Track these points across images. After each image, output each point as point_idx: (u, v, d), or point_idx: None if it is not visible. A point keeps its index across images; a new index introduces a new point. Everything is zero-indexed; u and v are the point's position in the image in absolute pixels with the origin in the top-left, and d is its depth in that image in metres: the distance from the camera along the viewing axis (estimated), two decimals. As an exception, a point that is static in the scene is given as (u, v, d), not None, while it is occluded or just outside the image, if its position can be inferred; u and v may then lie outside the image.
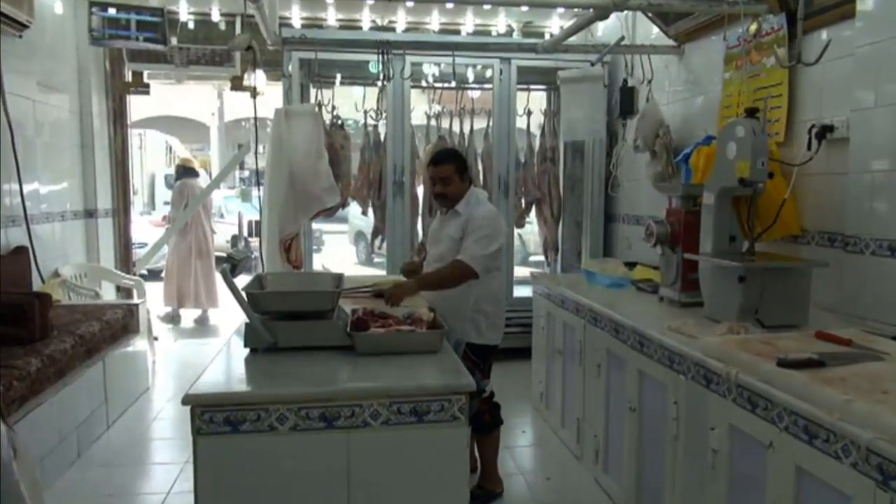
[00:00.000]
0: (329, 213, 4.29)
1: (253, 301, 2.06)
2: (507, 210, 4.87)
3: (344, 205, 4.81)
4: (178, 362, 5.24)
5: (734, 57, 3.44)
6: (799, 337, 2.14)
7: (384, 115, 4.71)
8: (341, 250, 12.88)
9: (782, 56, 2.90)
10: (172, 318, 6.75)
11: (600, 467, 3.00)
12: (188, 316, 6.81)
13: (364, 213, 5.18)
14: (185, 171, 6.83)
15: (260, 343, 2.04)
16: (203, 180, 7.13)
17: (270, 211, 3.59)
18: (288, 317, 2.10)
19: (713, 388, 2.04)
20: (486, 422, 2.78)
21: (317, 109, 3.85)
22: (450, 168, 2.77)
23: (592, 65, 3.68)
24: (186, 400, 1.65)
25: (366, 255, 12.81)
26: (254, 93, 4.45)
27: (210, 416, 1.66)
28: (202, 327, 6.67)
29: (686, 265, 2.86)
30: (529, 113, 5.22)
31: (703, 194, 2.77)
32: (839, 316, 2.59)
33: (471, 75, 5.47)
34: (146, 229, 8.20)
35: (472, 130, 5.18)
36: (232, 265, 2.07)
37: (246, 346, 2.05)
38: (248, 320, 2.03)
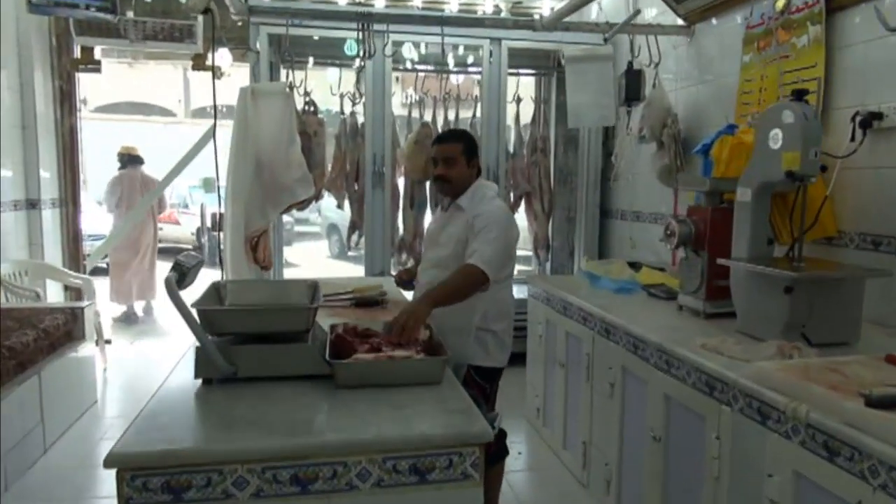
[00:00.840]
0: (301, 207, 3.86)
1: (207, 320, 1.64)
2: (495, 204, 4.49)
3: (317, 197, 4.38)
4: (132, 369, 4.75)
5: (755, 37, 3.09)
6: (866, 361, 1.80)
7: (363, 98, 4.27)
8: (312, 244, 12.35)
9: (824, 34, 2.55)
10: (128, 318, 6.26)
11: (612, 499, 2.64)
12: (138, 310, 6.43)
13: (340, 206, 4.75)
14: (130, 159, 6.36)
15: (214, 373, 1.62)
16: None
17: (234, 204, 3.14)
18: (251, 339, 1.68)
19: (771, 425, 1.69)
20: (490, 453, 2.39)
21: (288, 89, 3.40)
22: (457, 148, 2.38)
23: (606, 41, 3.30)
24: (110, 461, 1.24)
25: (339, 248, 12.34)
26: (214, 70, 4.00)
27: (143, 481, 1.25)
28: (157, 324, 6.21)
29: (712, 271, 2.51)
30: (519, 100, 4.84)
31: (735, 190, 2.43)
32: (890, 331, 2.27)
33: (454, 59, 5.08)
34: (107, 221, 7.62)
35: (457, 119, 4.78)
36: (180, 274, 1.64)
37: (197, 376, 1.63)
38: (199, 344, 1.61)
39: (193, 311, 1.60)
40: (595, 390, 2.79)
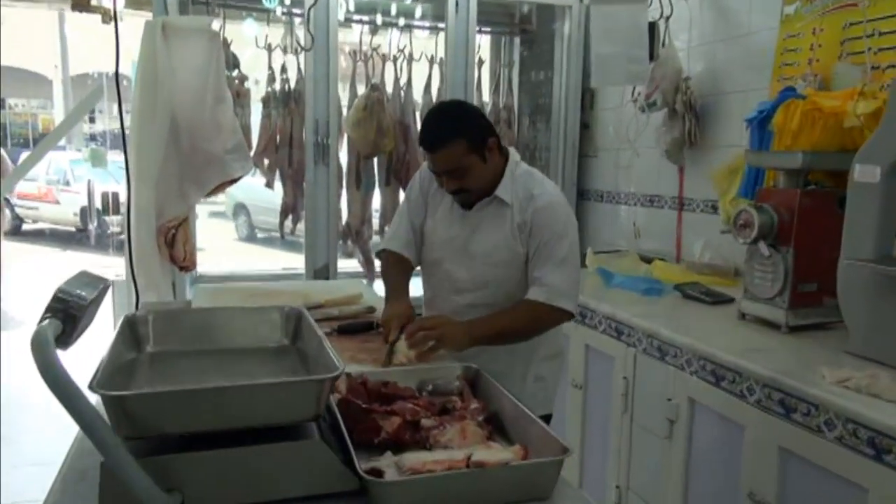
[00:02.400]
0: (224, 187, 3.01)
1: (125, 414, 0.85)
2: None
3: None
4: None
5: (804, -17, 2.55)
6: None
7: (312, 46, 3.42)
8: (216, 225, 11.09)
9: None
10: None
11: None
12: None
13: (269, 185, 3.89)
14: None
15: (140, 512, 0.84)
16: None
17: (140, 183, 2.27)
18: (211, 438, 0.91)
19: None
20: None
21: (214, 26, 2.53)
22: (458, 150, 1.57)
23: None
24: None
25: (248, 230, 11.24)
26: (115, 14, 3.04)
27: None
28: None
29: (799, 272, 1.95)
30: (481, 63, 4.15)
31: (836, 168, 1.88)
32: None
33: (400, 10, 4.30)
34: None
35: (409, 82, 4.02)
36: (64, 321, 0.85)
37: (103, 519, 0.85)
38: (104, 457, 0.82)
39: (92, 399, 0.81)
40: (638, 425, 2.18)
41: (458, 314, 1.67)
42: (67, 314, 0.85)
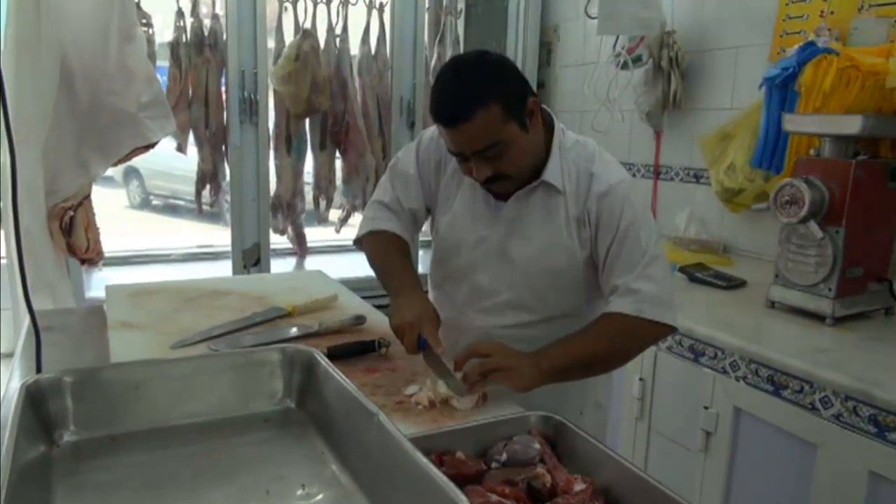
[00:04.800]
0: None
1: None
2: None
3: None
4: None
5: (814, -75, 2.28)
6: None
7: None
8: (105, 192, 9.92)
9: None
10: None
11: None
12: None
13: (181, 149, 3.27)
14: None
15: None
16: None
17: (23, 149, 1.68)
18: None
19: None
20: None
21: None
22: (493, 116, 1.11)
23: None
24: None
25: (141, 198, 10.19)
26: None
27: None
28: None
29: (850, 256, 1.70)
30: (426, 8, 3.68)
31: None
32: None
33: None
34: None
35: (345, 29, 3.49)
36: None
37: None
38: None
39: None
40: (658, 433, 1.90)
41: (503, 331, 1.28)
42: None
